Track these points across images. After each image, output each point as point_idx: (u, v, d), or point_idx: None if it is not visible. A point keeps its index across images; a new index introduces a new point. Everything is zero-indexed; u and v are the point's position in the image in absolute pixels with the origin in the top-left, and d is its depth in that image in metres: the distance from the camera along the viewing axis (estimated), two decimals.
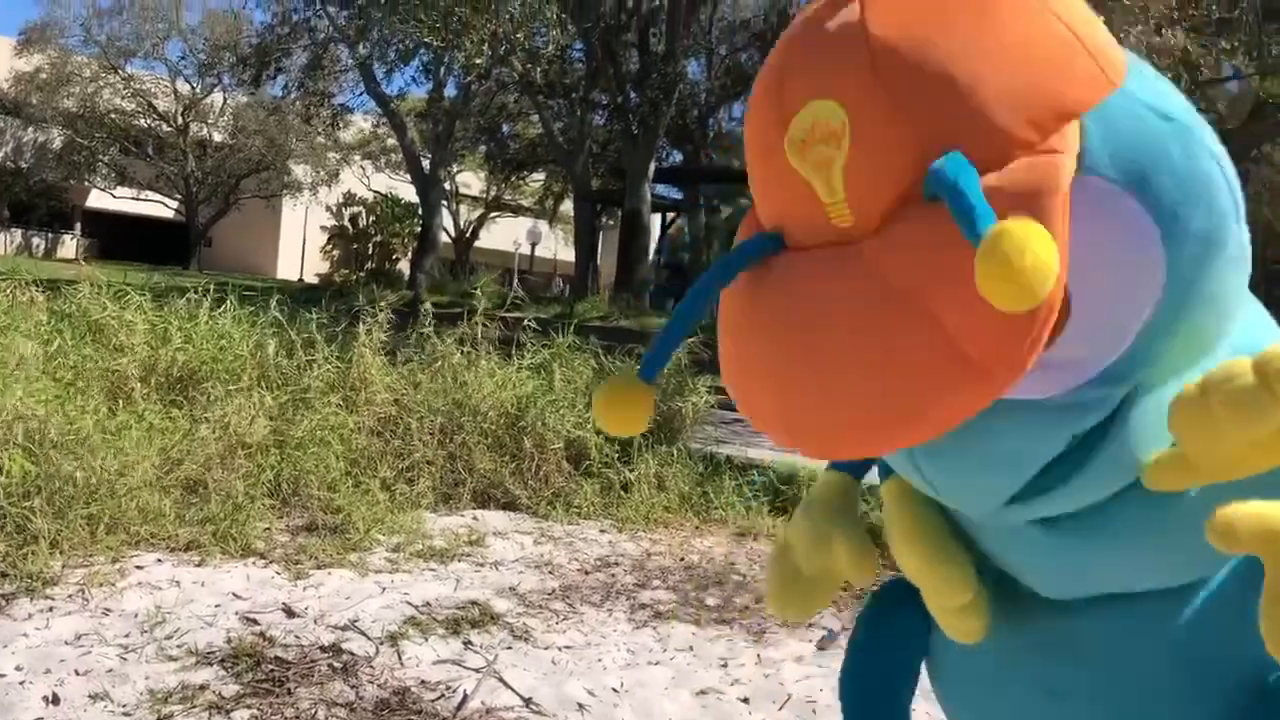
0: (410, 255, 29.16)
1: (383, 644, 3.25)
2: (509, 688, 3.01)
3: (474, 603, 3.73)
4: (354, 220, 36.10)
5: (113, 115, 32.27)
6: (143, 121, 33.22)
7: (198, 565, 3.84)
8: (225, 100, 32.93)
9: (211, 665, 2.96)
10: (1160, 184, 0.61)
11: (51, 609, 3.28)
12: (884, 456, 0.83)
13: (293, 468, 4.76)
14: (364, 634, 3.32)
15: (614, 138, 22.73)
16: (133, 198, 34.01)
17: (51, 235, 34.82)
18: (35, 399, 4.19)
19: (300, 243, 36.43)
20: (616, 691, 3.07)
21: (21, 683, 2.75)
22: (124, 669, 2.88)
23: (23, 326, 5.39)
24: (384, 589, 3.79)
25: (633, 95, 19.71)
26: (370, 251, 35.79)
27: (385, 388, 5.69)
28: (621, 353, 6.64)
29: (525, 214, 35.62)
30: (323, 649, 3.17)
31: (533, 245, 32.60)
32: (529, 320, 6.61)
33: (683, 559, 4.65)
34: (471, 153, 30.55)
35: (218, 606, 3.44)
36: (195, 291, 6.50)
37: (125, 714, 2.63)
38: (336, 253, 36.79)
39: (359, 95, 25.65)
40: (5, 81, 31.06)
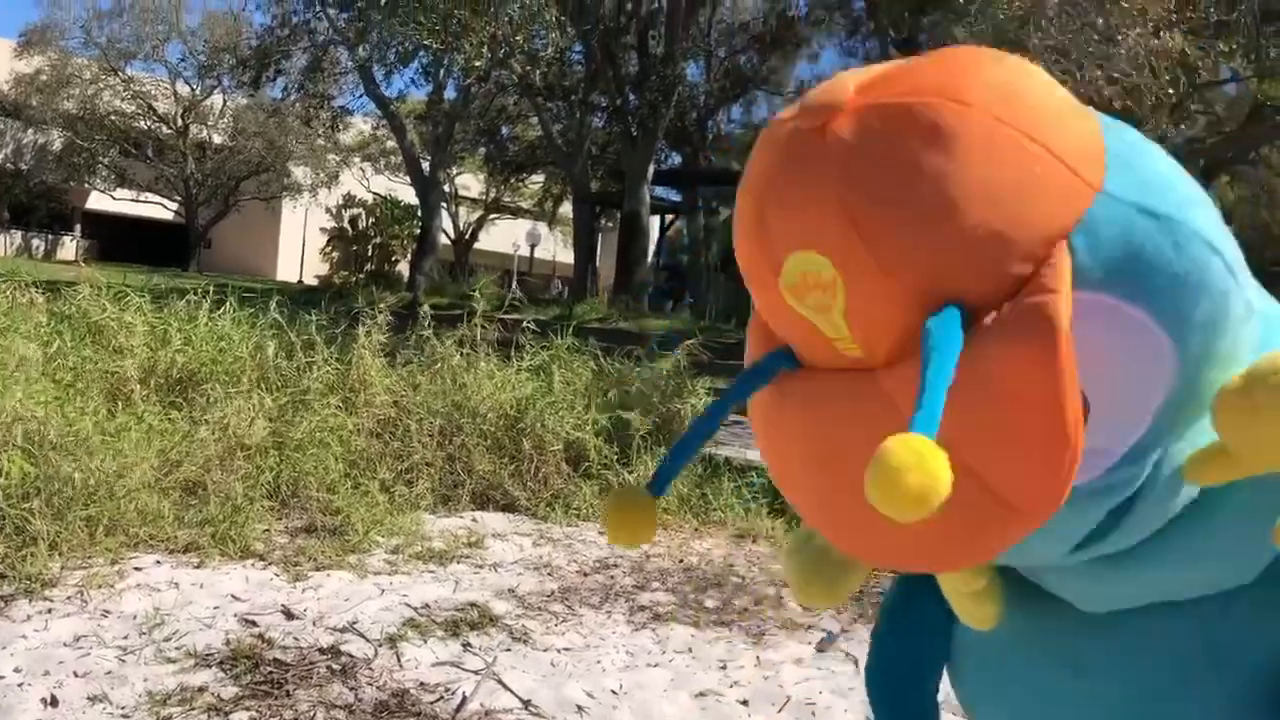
0: (410, 257, 29.19)
1: (382, 646, 3.25)
2: (508, 690, 3.01)
3: (473, 604, 3.73)
4: (353, 222, 36.10)
5: (113, 117, 32.28)
6: (143, 123, 33.23)
7: (197, 567, 3.84)
8: (225, 102, 32.93)
9: (210, 667, 2.96)
10: (1156, 286, 0.60)
11: (50, 611, 3.28)
12: None
13: (292, 469, 4.76)
14: (363, 636, 3.32)
15: (613, 140, 22.76)
16: (132, 199, 34.02)
17: (51, 237, 34.80)
18: (35, 400, 4.19)
19: (300, 245, 36.42)
20: (615, 693, 3.07)
21: (20, 685, 2.74)
22: (123, 671, 2.88)
23: (22, 328, 5.38)
24: (383, 591, 3.79)
25: (632, 97, 19.73)
26: (370, 253, 35.79)
27: (385, 389, 5.69)
28: (620, 354, 6.63)
29: (524, 216, 35.65)
30: (322, 651, 3.17)
31: (532, 247, 32.63)
32: (528, 322, 6.61)
33: (682, 561, 4.65)
34: (471, 155, 30.57)
35: (216, 608, 3.44)
36: (195, 293, 6.50)
37: (124, 716, 2.63)
38: (336, 254, 36.81)
39: (358, 97, 25.65)
40: (5, 83, 31.05)
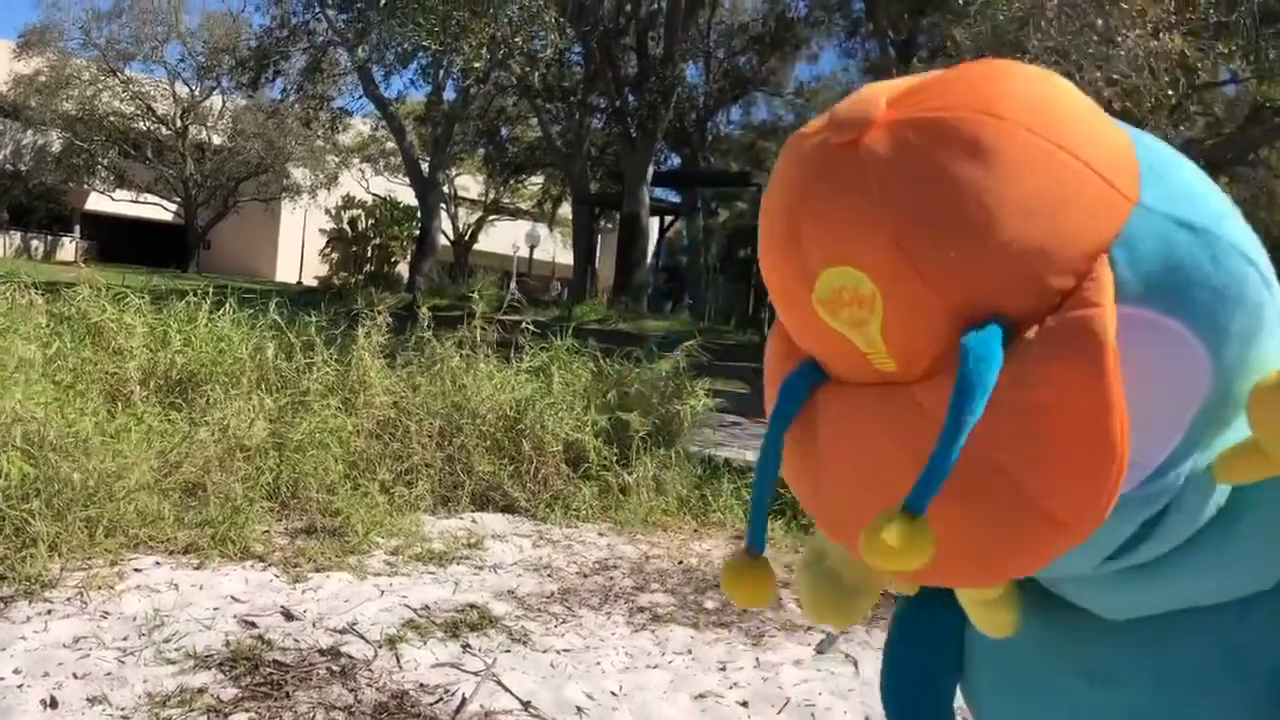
0: (409, 258, 29.19)
1: (381, 647, 3.25)
2: (508, 691, 3.01)
3: (472, 606, 3.73)
4: (353, 223, 36.06)
5: (112, 118, 32.29)
6: (142, 124, 33.23)
7: (196, 568, 3.83)
8: (224, 103, 32.92)
9: (210, 668, 2.96)
10: (1196, 299, 0.60)
11: (50, 612, 3.28)
12: None
13: (292, 470, 4.76)
14: (362, 637, 3.32)
15: (612, 141, 22.76)
16: (132, 200, 34.02)
17: (50, 238, 34.79)
18: (34, 401, 4.19)
19: (299, 246, 36.41)
20: (615, 695, 3.07)
21: (20, 686, 2.74)
22: (122, 672, 2.88)
23: (22, 329, 5.37)
24: (382, 592, 3.79)
25: (631, 99, 19.73)
26: (369, 254, 35.76)
27: (384, 390, 5.69)
28: (620, 355, 6.63)
29: (524, 217, 35.65)
30: (321, 652, 3.17)
31: (531, 248, 32.62)
32: (527, 323, 6.61)
33: (681, 562, 4.65)
34: (470, 156, 30.57)
35: (216, 609, 3.44)
36: (194, 294, 6.50)
37: (124, 717, 2.63)
38: (335, 256, 36.77)
39: (358, 98, 25.58)
40: (4, 84, 31.04)
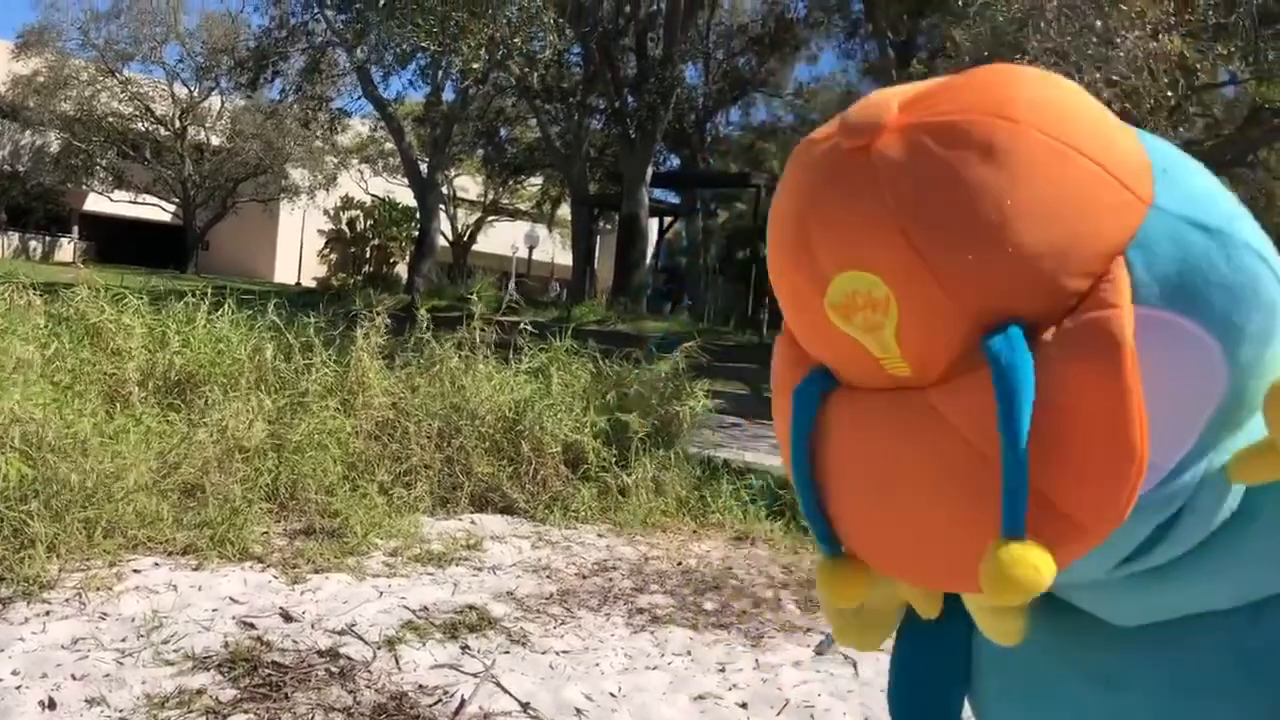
0: (408, 259, 29.17)
1: (380, 648, 3.25)
2: (506, 692, 3.01)
3: (471, 607, 3.73)
4: (351, 224, 36.06)
5: (110, 119, 32.27)
6: (140, 125, 33.22)
7: (195, 569, 3.83)
8: (223, 104, 32.92)
9: (208, 670, 2.96)
10: (1212, 299, 0.60)
11: (48, 613, 3.28)
12: None
13: (290, 471, 4.76)
14: (361, 638, 3.32)
15: (611, 142, 22.76)
16: (130, 201, 34.01)
17: (49, 238, 34.78)
18: (33, 402, 4.18)
19: (298, 246, 36.41)
20: (614, 696, 3.07)
21: (18, 687, 2.74)
22: (121, 673, 2.88)
23: (20, 330, 5.37)
24: (381, 593, 3.79)
25: (630, 99, 19.73)
26: (368, 255, 35.76)
27: (383, 391, 5.69)
28: (619, 356, 6.63)
29: (523, 218, 35.64)
30: (320, 653, 3.17)
31: (530, 249, 32.63)
32: (526, 324, 6.62)
33: (680, 563, 4.65)
34: (469, 157, 30.56)
35: (215, 611, 3.43)
36: (193, 295, 6.50)
37: (122, 719, 2.63)
38: (334, 256, 36.77)
39: (356, 99, 25.61)
40: (3, 85, 31.03)
